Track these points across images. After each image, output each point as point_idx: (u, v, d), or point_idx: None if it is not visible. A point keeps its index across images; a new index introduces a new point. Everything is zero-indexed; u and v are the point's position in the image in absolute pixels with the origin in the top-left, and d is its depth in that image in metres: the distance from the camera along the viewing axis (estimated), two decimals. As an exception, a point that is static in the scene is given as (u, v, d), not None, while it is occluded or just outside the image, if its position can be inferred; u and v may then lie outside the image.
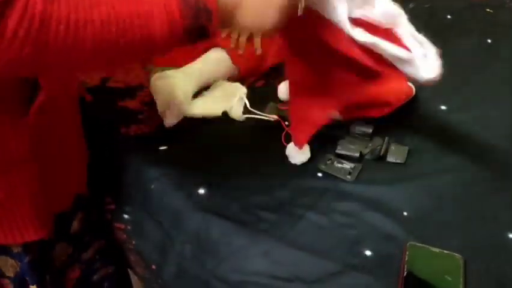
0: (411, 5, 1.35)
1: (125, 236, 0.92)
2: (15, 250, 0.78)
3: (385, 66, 0.80)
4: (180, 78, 1.01)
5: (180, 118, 0.98)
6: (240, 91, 1.05)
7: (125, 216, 0.92)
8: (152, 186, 0.89)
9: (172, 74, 1.01)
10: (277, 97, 1.06)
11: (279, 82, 1.08)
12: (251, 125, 1.01)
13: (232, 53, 1.04)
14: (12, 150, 0.69)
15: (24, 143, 0.70)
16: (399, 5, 1.26)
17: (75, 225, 0.88)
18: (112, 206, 0.95)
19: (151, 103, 1.05)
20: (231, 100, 1.04)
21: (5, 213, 0.72)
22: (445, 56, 1.16)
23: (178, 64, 1.06)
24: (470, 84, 1.08)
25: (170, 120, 0.97)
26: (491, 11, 1.30)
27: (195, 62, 1.07)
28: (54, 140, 0.76)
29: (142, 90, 1.08)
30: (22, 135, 0.69)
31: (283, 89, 1.05)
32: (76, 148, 0.85)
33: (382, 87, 0.96)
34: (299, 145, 0.90)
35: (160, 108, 0.98)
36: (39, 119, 0.70)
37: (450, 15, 1.29)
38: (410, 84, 1.01)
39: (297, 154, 0.91)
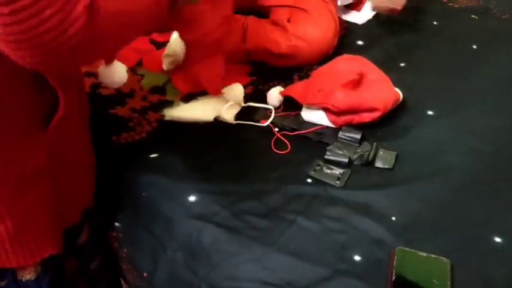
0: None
1: (116, 244, 0.92)
2: (28, 277, 0.77)
3: None
4: None
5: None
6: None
7: (117, 224, 0.92)
8: (144, 194, 0.90)
9: None
10: (267, 103, 1.06)
11: (268, 89, 1.09)
12: (242, 131, 1.02)
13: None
14: (30, 166, 0.69)
15: (42, 158, 0.70)
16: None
17: (82, 237, 0.88)
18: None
19: (141, 110, 1.05)
20: (223, 105, 1.04)
21: (23, 231, 0.71)
22: (432, 62, 1.19)
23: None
24: (456, 89, 1.10)
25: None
26: (476, 17, 1.33)
27: None
28: (69, 154, 0.76)
29: (132, 97, 1.08)
30: (40, 151, 0.70)
31: (273, 96, 1.06)
32: (87, 161, 0.85)
33: (369, 94, 0.98)
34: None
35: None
36: (56, 134, 0.71)
37: (436, 22, 1.31)
38: (397, 89, 1.03)
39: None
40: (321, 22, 1.17)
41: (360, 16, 1.33)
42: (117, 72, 0.93)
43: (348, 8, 1.34)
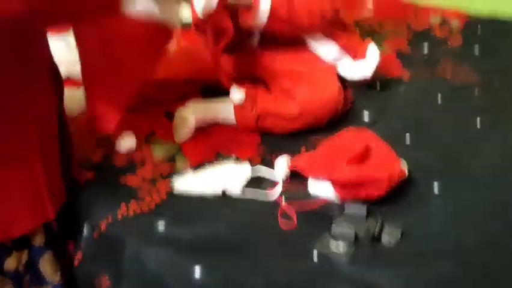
0: (403, 87, 1.41)
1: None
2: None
3: None
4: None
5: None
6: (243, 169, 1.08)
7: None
8: (150, 266, 0.90)
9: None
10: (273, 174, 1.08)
11: (276, 158, 1.12)
12: (248, 203, 1.03)
13: None
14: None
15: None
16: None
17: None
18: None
19: (151, 180, 1.08)
20: (231, 178, 1.07)
21: None
22: (437, 137, 1.21)
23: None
24: (463, 165, 1.11)
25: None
26: (480, 94, 1.36)
27: None
28: None
29: (143, 167, 1.11)
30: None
31: (280, 167, 1.08)
32: None
33: (375, 168, 1.00)
34: (109, 130, 0.98)
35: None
36: None
37: (441, 98, 1.35)
38: (403, 165, 1.05)
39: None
40: (325, 83, 1.22)
41: (368, 63, 1.31)
42: (125, 142, 0.98)
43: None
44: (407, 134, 1.21)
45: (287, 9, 1.19)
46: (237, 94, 1.23)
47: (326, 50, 1.28)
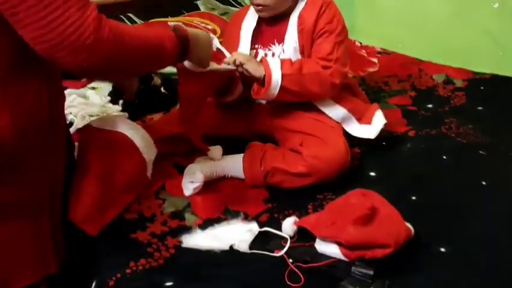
0: (408, 145, 1.44)
1: None
2: None
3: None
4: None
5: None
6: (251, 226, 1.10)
7: None
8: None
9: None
10: (281, 232, 1.10)
11: (283, 217, 1.13)
12: (256, 260, 1.04)
13: None
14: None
15: None
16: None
17: None
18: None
19: (160, 235, 1.09)
20: (239, 233, 1.08)
21: None
22: (443, 197, 1.22)
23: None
24: (469, 226, 1.12)
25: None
26: (484, 153, 1.39)
27: None
28: None
29: (153, 222, 1.13)
30: None
31: (288, 225, 1.10)
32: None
33: (381, 230, 1.01)
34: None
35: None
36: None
37: (446, 156, 1.38)
38: (409, 225, 1.06)
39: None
40: (332, 143, 1.25)
41: (372, 128, 1.34)
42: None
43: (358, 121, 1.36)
44: (413, 192, 1.23)
45: (299, 84, 1.25)
46: (217, 152, 1.27)
47: (333, 112, 1.33)
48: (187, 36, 0.99)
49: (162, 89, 1.66)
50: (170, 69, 1.10)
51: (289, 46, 1.30)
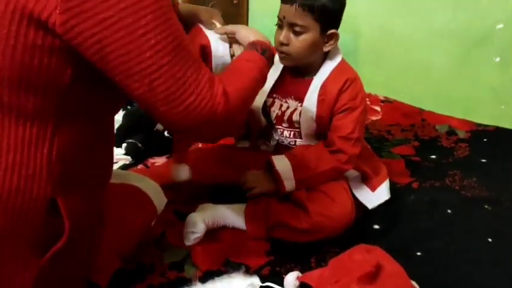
0: (412, 197, 1.42)
1: None
2: None
3: None
4: None
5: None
6: (252, 280, 1.07)
7: None
8: None
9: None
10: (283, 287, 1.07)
11: (285, 271, 1.10)
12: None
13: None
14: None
15: (29, 282, 0.73)
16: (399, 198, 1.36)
17: None
18: None
19: (158, 287, 1.06)
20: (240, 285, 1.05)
21: None
22: (448, 253, 1.20)
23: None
24: (475, 286, 1.09)
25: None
26: (489, 207, 1.37)
27: None
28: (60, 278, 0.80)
29: (152, 273, 1.10)
30: (30, 274, 0.73)
31: (290, 281, 1.07)
32: None
33: (387, 288, 0.98)
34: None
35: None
36: (51, 263, 0.74)
37: (450, 210, 1.36)
38: (414, 283, 1.03)
39: None
40: (338, 199, 1.22)
41: (373, 197, 1.34)
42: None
43: (363, 182, 1.36)
44: (418, 247, 1.21)
45: (312, 181, 1.25)
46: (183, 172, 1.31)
47: None
48: (274, 54, 1.01)
49: (166, 133, 1.67)
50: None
51: (306, 113, 1.25)
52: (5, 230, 0.71)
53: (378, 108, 2.02)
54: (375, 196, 1.34)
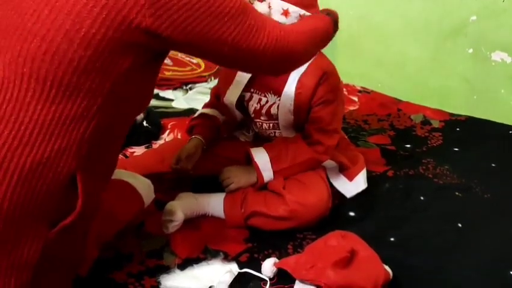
0: (387, 185, 1.46)
1: None
2: None
3: None
4: None
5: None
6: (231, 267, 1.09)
7: None
8: None
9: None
10: (261, 273, 1.09)
11: (263, 258, 1.13)
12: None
13: None
14: (22, 256, 0.76)
15: (36, 254, 0.76)
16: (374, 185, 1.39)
17: None
18: None
19: (137, 275, 1.08)
20: (218, 274, 1.07)
21: None
22: (420, 239, 1.24)
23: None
24: (445, 271, 1.13)
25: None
26: (459, 194, 1.42)
27: None
28: (59, 256, 0.83)
29: (130, 261, 1.11)
30: (37, 246, 0.77)
31: (267, 267, 1.09)
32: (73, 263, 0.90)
33: (360, 273, 1.02)
34: None
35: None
36: (56, 238, 0.78)
37: (423, 197, 1.40)
38: (387, 268, 1.06)
39: None
40: (315, 189, 1.25)
41: (350, 187, 1.37)
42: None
43: (341, 172, 1.38)
44: (392, 233, 1.24)
45: (290, 171, 1.28)
46: None
47: None
48: (337, 18, 1.13)
49: (144, 123, 1.67)
50: (152, 103, 1.10)
51: (284, 106, 1.27)
52: (24, 199, 0.73)
53: (355, 99, 2.05)
54: (352, 186, 1.37)
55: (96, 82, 0.75)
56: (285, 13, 1.15)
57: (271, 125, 1.33)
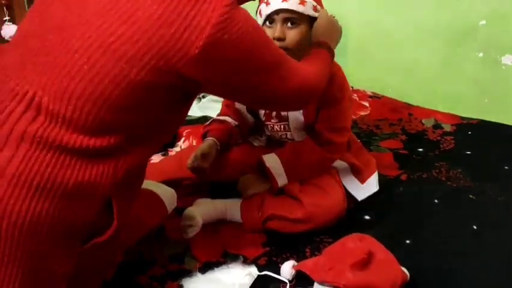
0: (401, 188, 1.48)
1: None
2: None
3: None
4: None
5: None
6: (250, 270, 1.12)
7: None
8: None
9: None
10: (280, 276, 1.11)
11: (281, 261, 1.15)
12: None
13: None
14: (59, 268, 0.80)
15: (69, 267, 0.81)
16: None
17: None
18: None
19: (160, 278, 1.10)
20: (238, 278, 1.10)
21: None
22: (435, 241, 1.26)
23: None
24: (461, 272, 1.14)
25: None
26: (473, 197, 1.43)
27: None
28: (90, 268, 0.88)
29: (153, 266, 1.14)
30: (70, 261, 0.81)
31: (286, 269, 1.12)
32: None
33: (378, 275, 1.04)
34: None
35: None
36: (88, 253, 0.83)
37: (437, 200, 1.42)
38: (404, 270, 1.08)
39: None
40: (331, 191, 1.28)
41: (362, 189, 1.39)
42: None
43: (353, 173, 1.40)
44: (407, 236, 1.26)
45: (301, 174, 1.32)
46: None
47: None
48: (329, 46, 1.17)
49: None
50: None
51: None
52: (59, 217, 0.77)
53: (366, 104, 2.07)
54: (364, 188, 1.39)
55: (132, 119, 0.81)
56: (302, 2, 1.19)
57: (282, 126, 1.36)
